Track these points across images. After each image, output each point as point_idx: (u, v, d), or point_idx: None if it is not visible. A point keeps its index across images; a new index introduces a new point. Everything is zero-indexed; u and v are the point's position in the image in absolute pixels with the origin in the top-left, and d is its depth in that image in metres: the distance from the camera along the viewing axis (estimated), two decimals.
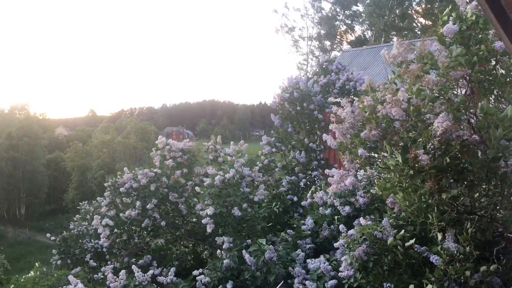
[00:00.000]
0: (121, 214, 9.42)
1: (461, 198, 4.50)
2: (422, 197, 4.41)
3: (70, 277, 7.70)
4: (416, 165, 4.23)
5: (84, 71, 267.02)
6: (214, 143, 10.91)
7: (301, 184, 10.84)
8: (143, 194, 9.41)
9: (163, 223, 9.42)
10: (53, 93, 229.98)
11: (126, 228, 9.62)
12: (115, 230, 9.57)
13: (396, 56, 4.96)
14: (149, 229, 9.73)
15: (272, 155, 12.01)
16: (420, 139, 4.38)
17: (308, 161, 11.44)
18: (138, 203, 9.24)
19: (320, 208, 8.17)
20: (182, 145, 10.54)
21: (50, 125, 74.48)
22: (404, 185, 4.49)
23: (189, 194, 10.14)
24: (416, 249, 4.90)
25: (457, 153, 4.25)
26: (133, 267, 7.90)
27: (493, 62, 4.75)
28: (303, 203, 9.02)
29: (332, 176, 5.77)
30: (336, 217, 7.67)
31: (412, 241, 4.88)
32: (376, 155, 5.19)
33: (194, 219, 9.99)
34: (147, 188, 9.38)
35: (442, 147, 4.25)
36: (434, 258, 4.74)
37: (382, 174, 5.13)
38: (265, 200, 9.50)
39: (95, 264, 9.81)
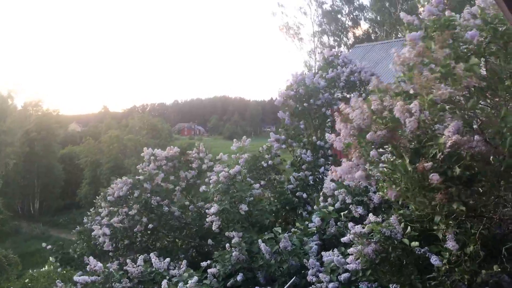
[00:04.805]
0: (111, 220, 9.88)
1: (471, 204, 4.35)
2: (433, 207, 4.30)
3: (91, 258, 8.02)
4: (425, 180, 4.06)
5: (97, 67, 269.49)
6: (197, 151, 11.20)
7: (310, 180, 10.75)
8: (131, 202, 9.92)
9: (150, 226, 9.88)
10: (66, 89, 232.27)
11: (124, 234, 10.06)
12: (118, 236, 10.05)
13: (406, 60, 4.61)
14: (148, 232, 10.21)
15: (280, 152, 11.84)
16: (430, 150, 4.18)
17: (315, 159, 11.28)
18: (121, 210, 9.80)
19: (329, 198, 8.07)
20: (166, 153, 10.94)
21: (64, 121, 75.22)
22: (412, 189, 4.34)
23: (182, 196, 10.74)
24: (416, 251, 4.83)
25: (467, 163, 4.08)
26: (151, 255, 8.21)
27: None
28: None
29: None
30: (342, 213, 7.60)
31: (416, 243, 4.81)
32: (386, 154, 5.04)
33: (189, 220, 10.49)
34: (132, 195, 9.83)
35: (452, 158, 4.08)
36: (434, 259, 4.66)
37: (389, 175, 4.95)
38: (269, 197, 9.52)
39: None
